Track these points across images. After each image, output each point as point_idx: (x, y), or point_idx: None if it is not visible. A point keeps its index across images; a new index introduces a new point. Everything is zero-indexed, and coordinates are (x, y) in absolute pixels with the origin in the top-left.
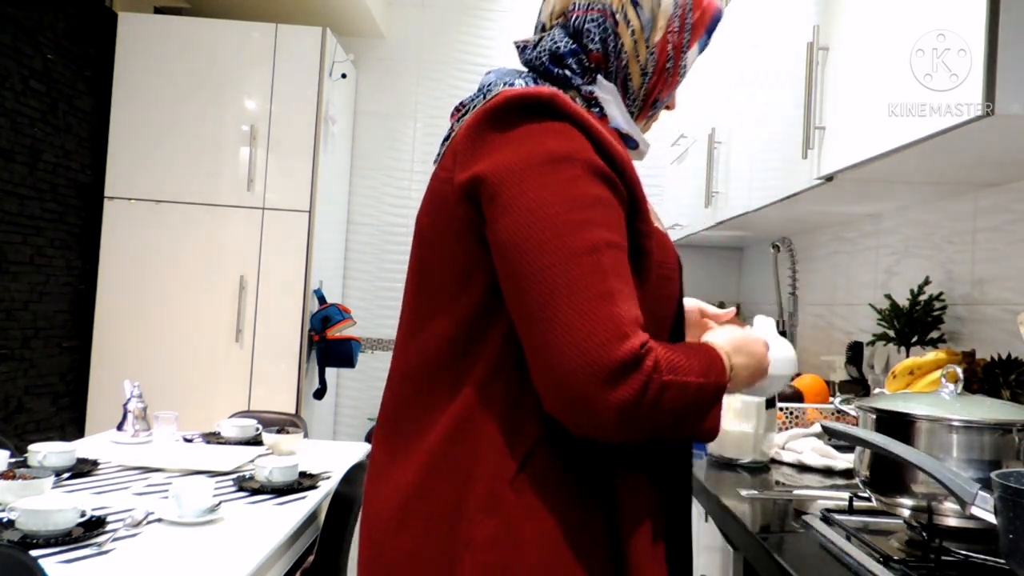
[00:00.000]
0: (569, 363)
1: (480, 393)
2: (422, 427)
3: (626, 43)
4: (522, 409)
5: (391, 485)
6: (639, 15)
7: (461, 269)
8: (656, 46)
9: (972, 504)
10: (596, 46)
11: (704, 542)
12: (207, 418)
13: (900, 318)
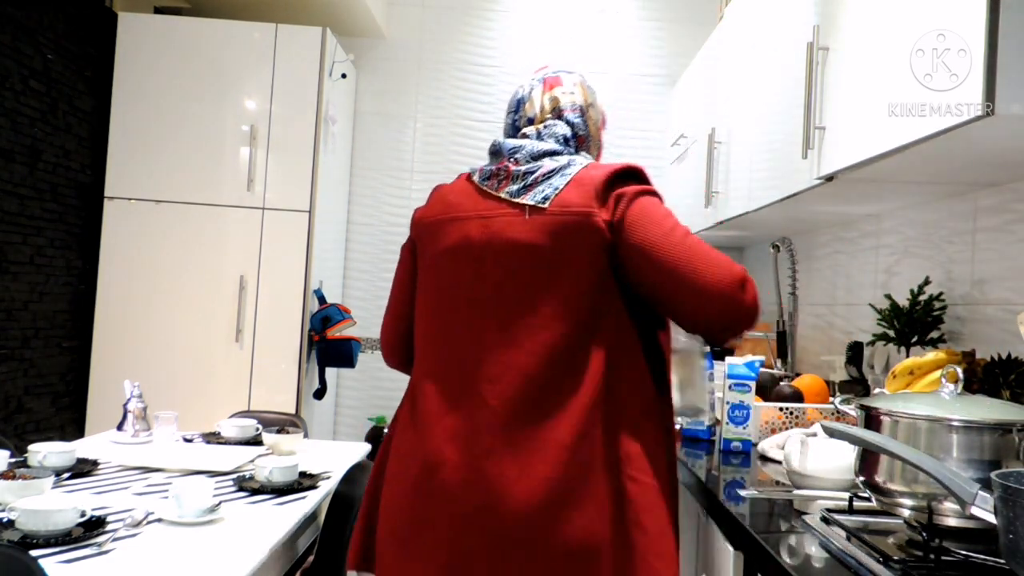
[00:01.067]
0: (719, 282)
1: (605, 380)
2: (553, 417)
3: (592, 131)
4: (640, 386)
5: (537, 472)
6: (595, 114)
7: (590, 280)
8: (600, 131)
9: (972, 504)
10: (583, 132)
11: (704, 542)
12: (207, 418)
13: (900, 318)
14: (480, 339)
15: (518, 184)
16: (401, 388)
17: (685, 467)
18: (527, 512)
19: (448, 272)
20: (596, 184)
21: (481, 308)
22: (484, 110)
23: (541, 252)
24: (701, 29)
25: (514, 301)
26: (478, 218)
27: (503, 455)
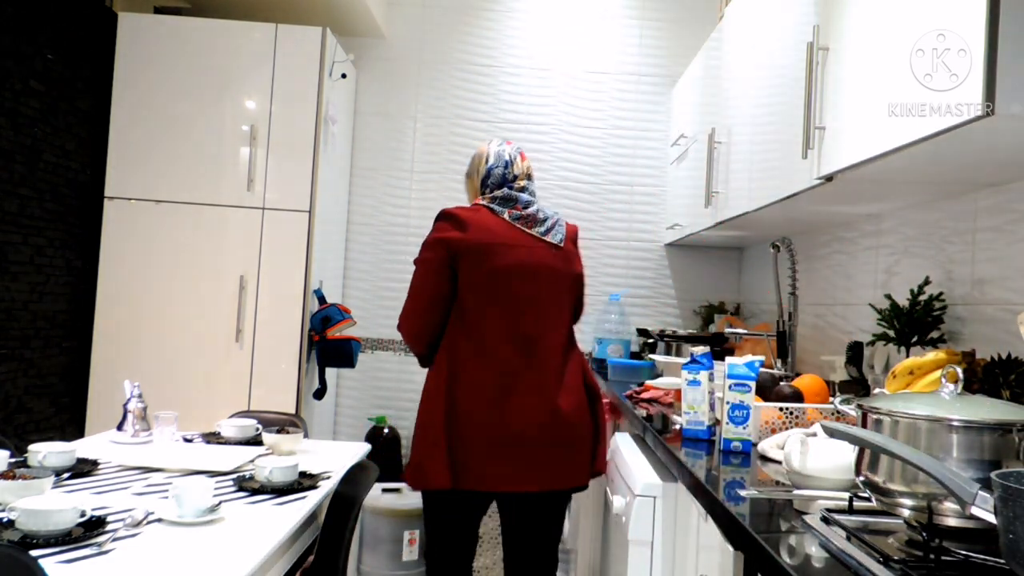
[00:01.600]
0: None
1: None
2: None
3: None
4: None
5: (572, 399)
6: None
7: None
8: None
9: (972, 504)
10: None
11: (704, 542)
12: (207, 418)
13: (900, 318)
14: (535, 322)
15: (542, 228)
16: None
17: (685, 467)
18: (571, 420)
19: (506, 279)
20: (573, 235)
21: (531, 303)
22: (484, 110)
23: (561, 273)
24: (701, 29)
25: (550, 302)
26: (525, 247)
27: (555, 388)
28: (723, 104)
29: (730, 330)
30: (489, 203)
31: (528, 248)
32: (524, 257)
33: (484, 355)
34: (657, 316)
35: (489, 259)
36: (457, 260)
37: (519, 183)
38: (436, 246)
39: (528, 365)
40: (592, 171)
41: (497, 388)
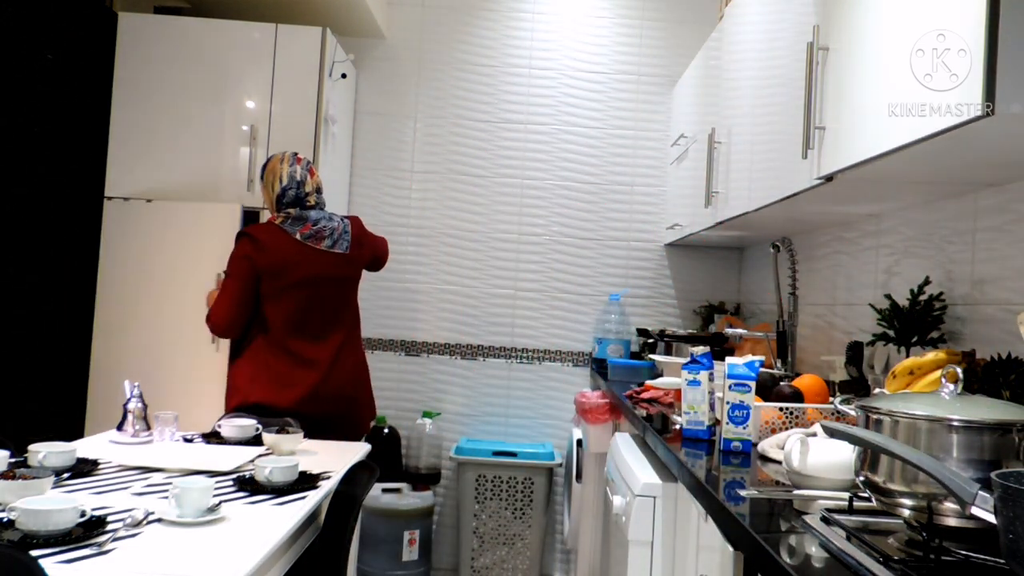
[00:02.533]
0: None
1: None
2: (351, 355)
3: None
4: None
5: (352, 362)
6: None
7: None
8: None
9: (972, 504)
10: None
11: (704, 542)
12: (207, 418)
13: (900, 318)
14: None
15: (329, 242)
16: (401, 388)
17: (685, 467)
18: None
19: (296, 291)
20: (358, 232)
21: (316, 310)
22: (484, 110)
23: (345, 277)
24: (701, 29)
25: (332, 307)
26: (314, 263)
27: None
28: (723, 104)
29: (730, 330)
30: (282, 223)
31: (315, 263)
32: (312, 271)
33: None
34: (657, 316)
35: (282, 277)
36: (259, 275)
37: (311, 200)
38: (242, 262)
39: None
40: (592, 171)
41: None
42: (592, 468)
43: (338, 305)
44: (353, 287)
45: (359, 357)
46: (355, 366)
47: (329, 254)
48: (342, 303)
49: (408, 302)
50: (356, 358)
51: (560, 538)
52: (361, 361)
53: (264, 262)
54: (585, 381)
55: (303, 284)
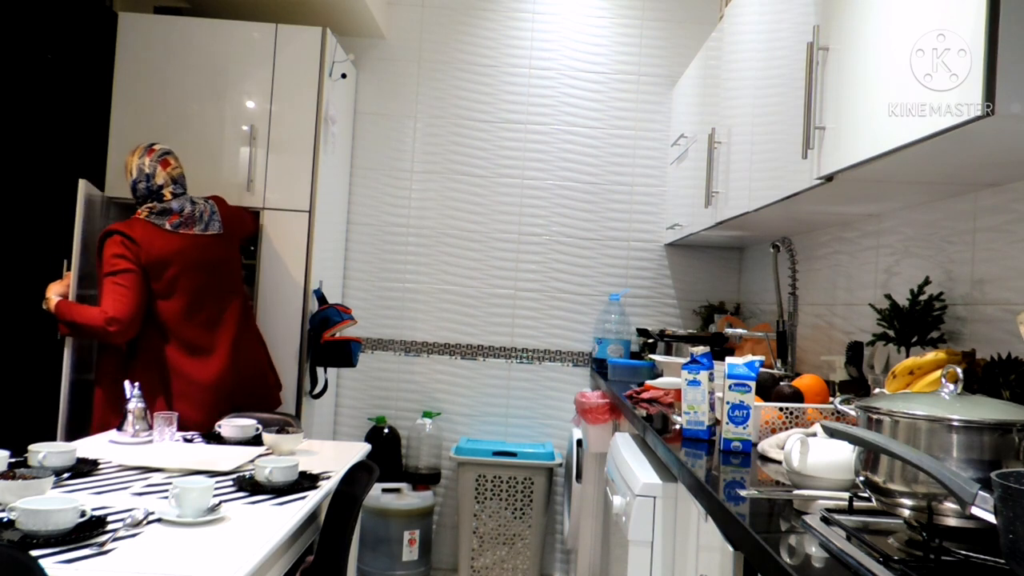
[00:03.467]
0: None
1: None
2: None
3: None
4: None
5: (256, 354)
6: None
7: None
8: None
9: (972, 504)
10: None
11: (704, 542)
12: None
13: (900, 318)
14: (215, 306)
15: (201, 226)
16: (401, 388)
17: (685, 467)
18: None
19: (181, 280)
20: (226, 211)
21: (206, 292)
22: (484, 110)
23: (224, 256)
24: (701, 29)
25: (220, 286)
26: (191, 247)
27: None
28: (723, 104)
29: (730, 330)
30: (147, 217)
31: (193, 249)
32: (193, 257)
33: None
34: (657, 316)
35: (166, 269)
36: (144, 271)
37: (166, 193)
38: (123, 259)
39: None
40: (592, 171)
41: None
42: (592, 468)
43: (226, 288)
44: (237, 266)
45: (254, 334)
46: (255, 344)
47: (204, 237)
48: (230, 285)
49: (408, 302)
50: (252, 336)
51: (560, 538)
52: (257, 337)
53: (145, 258)
54: (585, 381)
55: (188, 272)
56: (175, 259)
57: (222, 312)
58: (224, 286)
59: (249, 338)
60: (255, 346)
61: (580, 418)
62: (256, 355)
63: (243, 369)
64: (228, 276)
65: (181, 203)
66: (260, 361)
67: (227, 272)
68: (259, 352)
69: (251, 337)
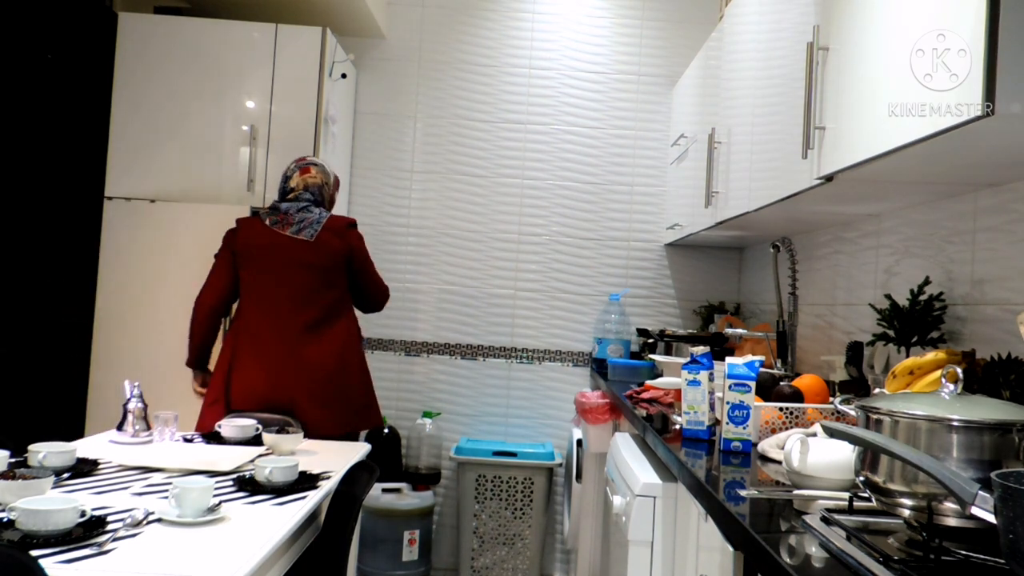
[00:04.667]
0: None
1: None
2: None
3: (327, 196)
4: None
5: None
6: (327, 187)
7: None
8: (333, 194)
9: (972, 504)
10: (319, 198)
11: (704, 542)
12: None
13: (900, 318)
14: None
15: (294, 228)
16: (401, 388)
17: (685, 467)
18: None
19: (263, 273)
20: (335, 227)
21: (281, 288)
22: (484, 110)
23: (310, 262)
24: (701, 29)
25: (300, 286)
26: (279, 245)
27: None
28: (723, 104)
29: (730, 330)
30: (261, 212)
31: (279, 244)
32: (275, 252)
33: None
34: (657, 316)
35: (250, 256)
36: (235, 259)
37: (292, 195)
38: (223, 250)
39: (280, 339)
40: (592, 171)
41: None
42: (592, 468)
43: (298, 296)
44: (325, 277)
45: (331, 348)
46: (323, 357)
47: (291, 239)
48: (304, 294)
49: (408, 302)
50: (325, 349)
51: (560, 538)
52: (333, 353)
53: (239, 245)
54: (585, 381)
55: (266, 263)
56: (259, 250)
57: (284, 316)
58: (296, 291)
59: (317, 350)
60: (321, 361)
61: (580, 418)
62: (313, 372)
63: (277, 385)
64: (303, 284)
65: (290, 206)
66: (314, 378)
67: (302, 280)
68: (299, 379)
69: (320, 351)
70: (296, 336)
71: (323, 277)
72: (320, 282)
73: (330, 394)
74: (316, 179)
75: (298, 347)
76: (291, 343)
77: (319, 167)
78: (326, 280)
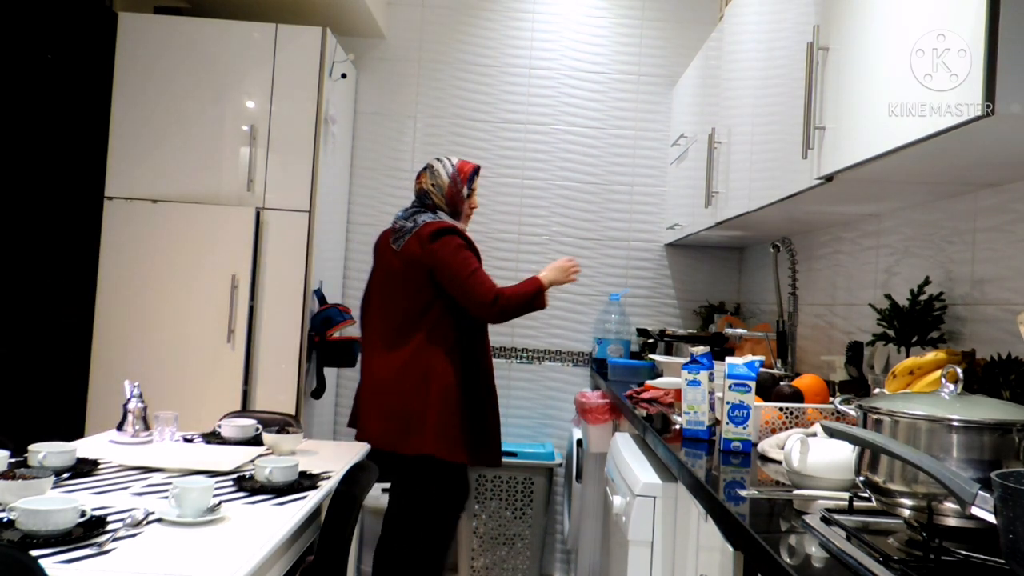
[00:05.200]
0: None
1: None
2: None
3: (437, 199)
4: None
5: (386, 362)
6: (437, 189)
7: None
8: (447, 195)
9: (972, 504)
10: (429, 201)
11: (704, 542)
12: (207, 418)
13: (900, 318)
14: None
15: (395, 237)
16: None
17: (685, 467)
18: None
19: (373, 283)
20: (421, 234)
21: (381, 298)
22: (484, 110)
23: (399, 272)
24: (701, 29)
25: (391, 296)
26: (385, 257)
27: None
28: (723, 104)
29: (730, 330)
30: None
31: (382, 253)
32: (379, 262)
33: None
34: (657, 316)
35: (372, 270)
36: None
37: (414, 203)
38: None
39: (365, 348)
40: (592, 171)
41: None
42: (592, 468)
43: (389, 306)
44: (406, 288)
45: (393, 361)
46: (382, 370)
47: (390, 249)
48: (392, 303)
49: None
50: (387, 361)
51: (560, 538)
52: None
53: (374, 253)
54: (585, 381)
55: (374, 273)
56: (375, 260)
57: (376, 322)
58: (382, 302)
59: (365, 370)
60: (364, 381)
61: (580, 418)
62: (362, 390)
63: (364, 390)
64: (387, 295)
65: (401, 215)
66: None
67: (388, 291)
68: (364, 389)
69: (366, 371)
70: (371, 346)
71: (403, 288)
72: (400, 293)
73: (381, 407)
74: (424, 184)
75: (368, 357)
76: (367, 352)
77: (430, 170)
78: (407, 291)
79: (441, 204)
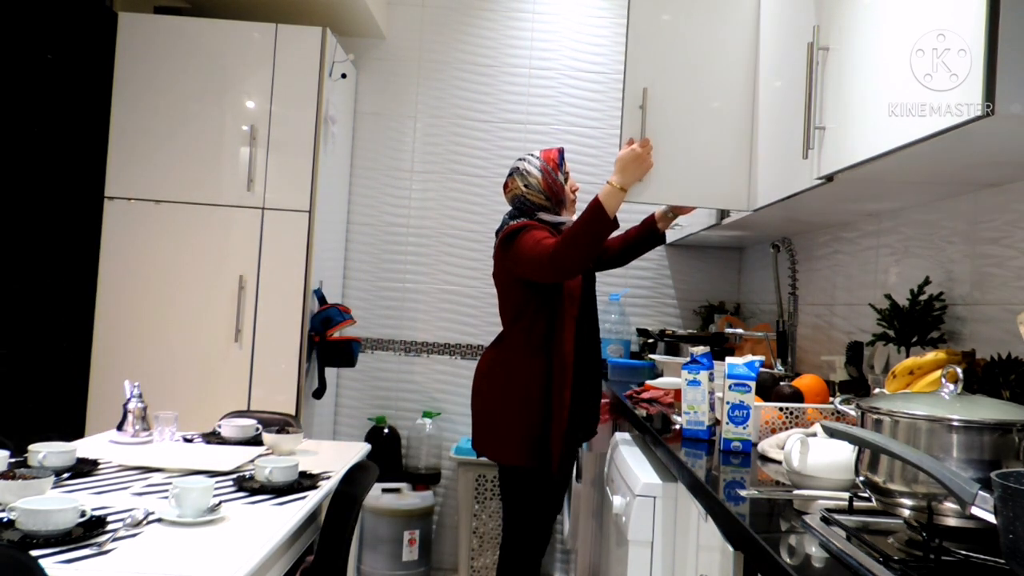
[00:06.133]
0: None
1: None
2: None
3: (526, 203)
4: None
5: (478, 369)
6: (520, 191)
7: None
8: (541, 193)
9: (972, 504)
10: (519, 206)
11: (704, 542)
12: (207, 418)
13: (900, 318)
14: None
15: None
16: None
17: (685, 467)
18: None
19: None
20: (504, 235)
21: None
22: (484, 110)
23: (496, 272)
24: None
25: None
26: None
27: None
28: None
29: (730, 330)
30: None
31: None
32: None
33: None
34: (657, 316)
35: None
36: None
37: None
38: None
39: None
40: (592, 171)
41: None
42: (592, 468)
43: (500, 305)
44: (499, 290)
45: (481, 367)
46: (475, 375)
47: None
48: (500, 305)
49: (408, 302)
50: (479, 368)
51: (560, 538)
52: (480, 372)
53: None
54: None
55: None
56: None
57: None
58: (500, 301)
59: (483, 365)
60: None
61: None
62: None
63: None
64: (499, 293)
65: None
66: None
67: (498, 287)
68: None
69: (485, 371)
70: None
71: (499, 290)
72: (500, 296)
73: (474, 412)
74: (515, 191)
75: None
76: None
77: (517, 172)
78: (502, 293)
79: (541, 202)
